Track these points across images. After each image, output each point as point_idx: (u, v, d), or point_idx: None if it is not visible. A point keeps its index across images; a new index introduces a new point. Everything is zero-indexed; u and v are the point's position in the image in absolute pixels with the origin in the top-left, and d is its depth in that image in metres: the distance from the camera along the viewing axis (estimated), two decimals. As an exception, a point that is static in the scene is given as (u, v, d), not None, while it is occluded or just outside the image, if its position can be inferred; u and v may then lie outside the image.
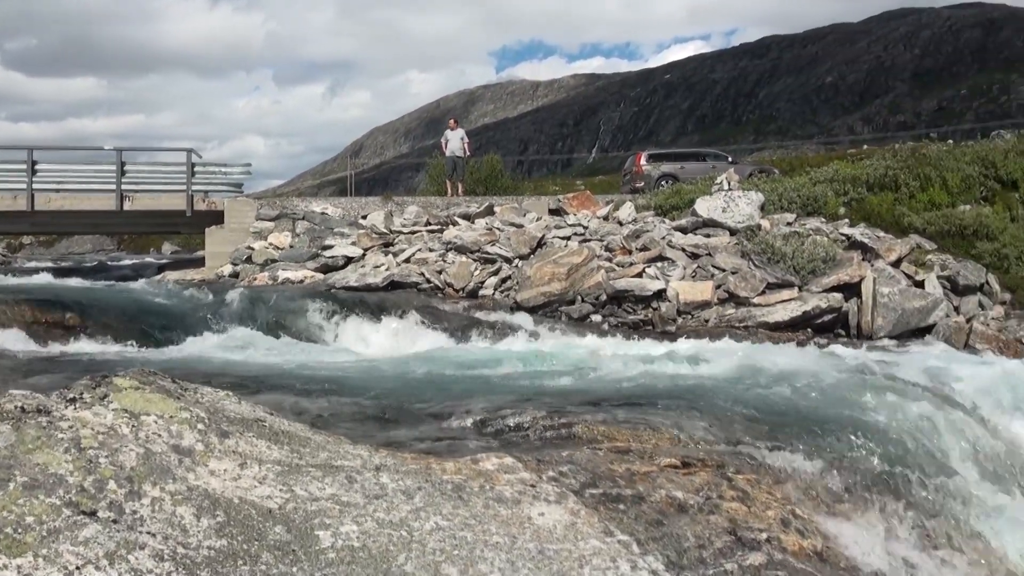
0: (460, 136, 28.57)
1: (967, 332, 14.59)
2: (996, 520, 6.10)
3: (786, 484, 5.29)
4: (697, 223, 17.85)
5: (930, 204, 19.30)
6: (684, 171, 29.28)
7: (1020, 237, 17.55)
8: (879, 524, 5.39)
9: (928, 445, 7.07)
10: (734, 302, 14.94)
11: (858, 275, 15.18)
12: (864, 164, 22.04)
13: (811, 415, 7.10)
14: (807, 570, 4.33)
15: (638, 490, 4.43)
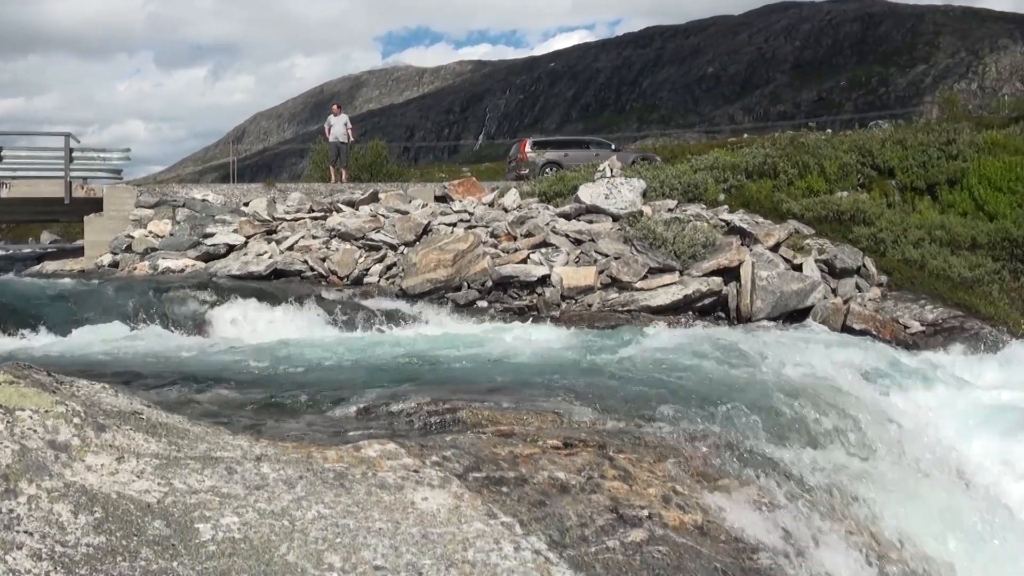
0: (344, 122, 28.30)
1: (844, 313, 15.01)
2: (872, 492, 6.29)
3: (667, 461, 5.38)
4: (580, 209, 18.00)
5: (808, 191, 19.80)
6: (568, 158, 29.47)
7: (896, 222, 18.10)
8: (758, 497, 5.51)
9: (804, 420, 7.27)
10: (617, 287, 15.11)
11: (737, 259, 15.49)
12: (744, 152, 22.48)
13: (691, 394, 7.23)
14: (688, 544, 4.41)
15: (521, 472, 4.46)
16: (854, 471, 6.54)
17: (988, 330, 14.74)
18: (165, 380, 7.74)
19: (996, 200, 19.62)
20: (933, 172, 20.50)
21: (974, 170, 20.47)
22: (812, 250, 16.37)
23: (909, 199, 20.24)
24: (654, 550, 4.18)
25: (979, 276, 16.63)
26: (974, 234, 17.88)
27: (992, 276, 16.79)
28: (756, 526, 5.09)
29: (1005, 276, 16.96)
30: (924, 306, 15.55)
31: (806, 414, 7.41)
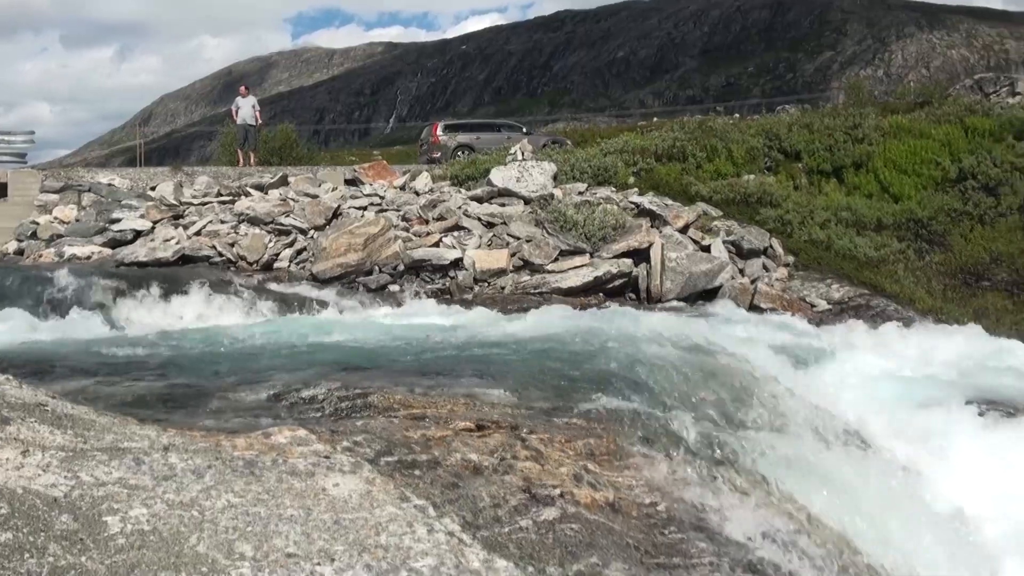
0: (251, 104, 27.91)
1: (752, 293, 15.26)
2: (779, 466, 6.41)
3: (578, 441, 5.42)
4: (492, 193, 18.02)
5: (716, 174, 20.11)
6: (480, 141, 29.45)
7: (802, 204, 18.46)
8: (669, 473, 5.58)
9: (713, 397, 7.37)
10: (529, 269, 15.17)
11: (647, 241, 15.64)
12: (653, 136, 22.73)
13: (602, 373, 7.29)
14: (600, 521, 4.46)
15: (433, 455, 4.46)
16: (763, 447, 6.65)
17: (894, 307, 15.10)
18: (71, 371, 7.58)
19: (901, 182, 20.11)
20: (839, 155, 20.93)
21: (879, 153, 20.95)
22: (720, 232, 16.61)
23: (815, 182, 20.67)
24: (566, 528, 4.21)
25: (885, 256, 17.03)
26: (880, 215, 18.30)
27: (897, 255, 17.21)
28: (667, 501, 5.16)
29: (910, 255, 17.40)
30: (831, 285, 15.88)
31: (715, 392, 7.52)
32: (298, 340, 9.71)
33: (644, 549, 4.43)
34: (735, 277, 15.66)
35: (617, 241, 15.68)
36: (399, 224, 16.57)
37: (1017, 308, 16.10)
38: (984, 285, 16.88)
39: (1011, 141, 20.97)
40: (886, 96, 29.08)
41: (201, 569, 2.98)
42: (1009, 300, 16.43)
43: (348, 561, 3.21)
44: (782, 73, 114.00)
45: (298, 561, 3.14)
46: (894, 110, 25.24)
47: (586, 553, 4.08)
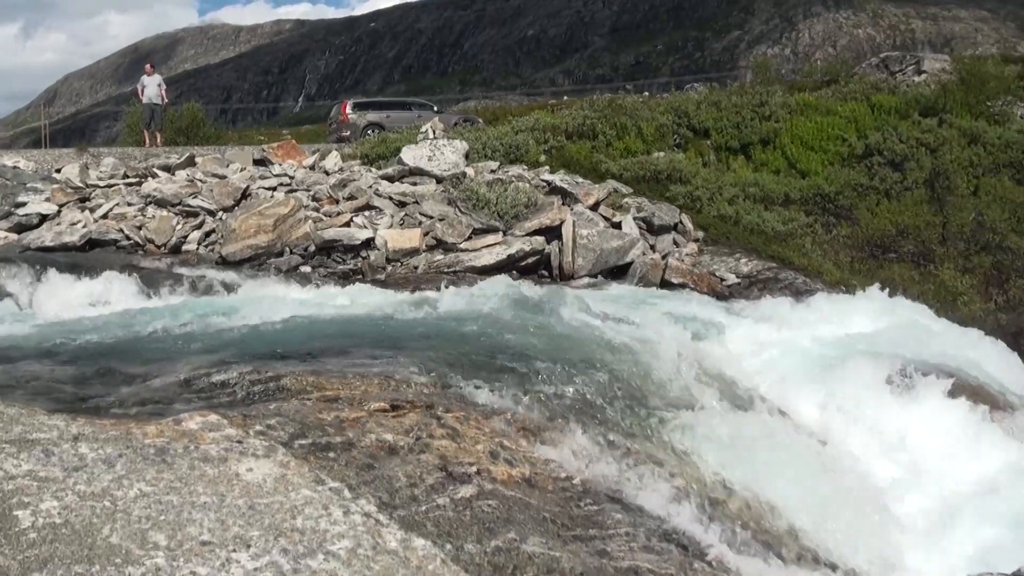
0: (157, 82, 27.34)
1: (663, 268, 15.41)
2: (692, 437, 6.51)
3: (494, 418, 5.44)
4: (404, 171, 17.92)
5: (626, 151, 20.26)
6: (390, 120, 29.27)
7: (711, 180, 18.68)
8: (584, 447, 5.63)
9: (626, 371, 7.45)
10: (442, 248, 15.13)
11: (559, 219, 15.69)
12: (564, 114, 22.79)
13: (516, 350, 7.32)
14: (517, 496, 4.49)
15: (348, 436, 4.45)
16: (676, 418, 6.75)
17: (802, 280, 15.36)
18: (-27, 359, 7.41)
19: (808, 158, 20.47)
20: (747, 133, 21.22)
21: (787, 130, 21.29)
22: (631, 208, 16.73)
23: (724, 158, 20.95)
24: (484, 504, 4.24)
25: (792, 230, 17.32)
26: (787, 190, 18.60)
27: (805, 229, 17.52)
28: (582, 475, 5.21)
29: (817, 229, 17.73)
30: (739, 259, 16.10)
31: (628, 365, 7.60)
32: (208, 324, 9.57)
33: (561, 522, 4.48)
34: (646, 253, 15.80)
35: (529, 219, 15.71)
36: (309, 204, 16.39)
37: (923, 278, 16.53)
38: (890, 257, 17.28)
39: (916, 118, 21.44)
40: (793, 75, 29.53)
41: (115, 561, 2.95)
42: (915, 270, 16.85)
43: (264, 546, 3.19)
44: (691, 52, 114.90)
45: (213, 548, 3.12)
46: (801, 88, 25.63)
47: (504, 529, 4.11)
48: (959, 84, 23.65)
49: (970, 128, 20.60)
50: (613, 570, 4.25)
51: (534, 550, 4.01)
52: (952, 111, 21.80)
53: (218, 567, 3.03)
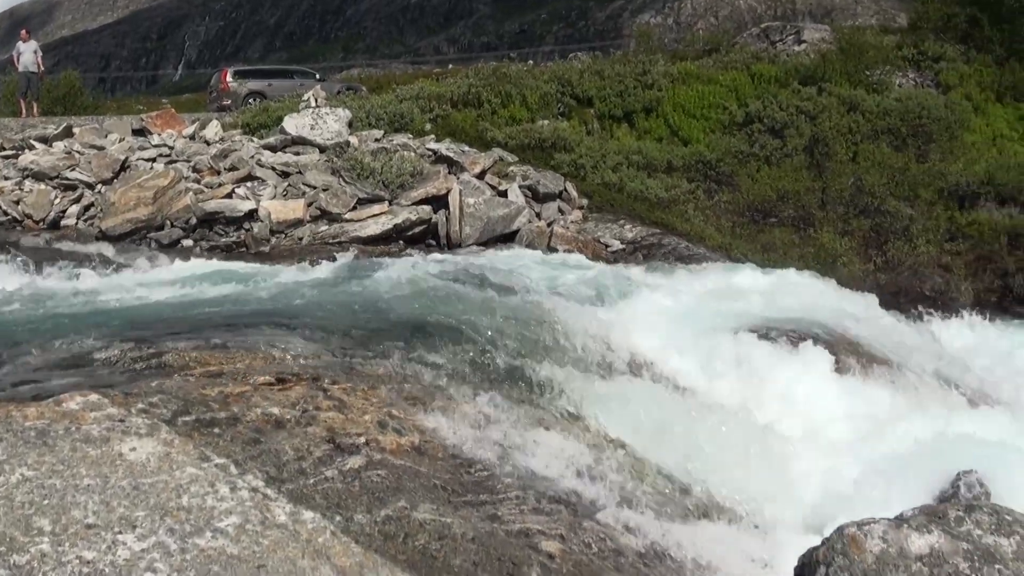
0: (33, 49, 26.43)
1: (549, 235, 15.52)
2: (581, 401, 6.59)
3: (381, 388, 5.44)
4: (286, 141, 17.66)
5: (511, 120, 20.30)
6: (272, 88, 28.88)
7: (595, 148, 18.82)
8: (473, 413, 5.67)
9: (515, 336, 7.50)
10: (327, 219, 14.98)
11: (445, 188, 15.66)
12: (449, 82, 22.74)
13: (404, 319, 7.33)
14: (406, 465, 4.50)
15: (233, 412, 4.41)
16: (565, 382, 6.82)
17: (685, 245, 15.62)
18: None
19: (690, 126, 20.79)
20: (630, 101, 21.42)
21: (669, 99, 21.57)
22: (516, 177, 16.78)
23: (607, 126, 21.14)
24: (373, 475, 4.25)
25: (675, 196, 17.57)
26: (670, 158, 18.85)
27: (687, 196, 17.79)
28: (472, 441, 5.25)
29: (700, 195, 18.02)
30: (624, 226, 16.30)
31: (516, 330, 7.64)
32: (88, 301, 9.35)
33: (452, 489, 4.51)
34: (532, 221, 15.88)
35: (415, 188, 15.65)
36: (190, 176, 16.06)
37: (803, 242, 16.93)
38: (771, 221, 17.64)
39: (796, 86, 21.87)
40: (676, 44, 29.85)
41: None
42: (795, 234, 17.24)
43: (150, 527, 3.15)
44: (574, 20, 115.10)
45: (99, 531, 3.07)
46: (683, 57, 25.92)
47: (394, 498, 4.12)
48: (838, 54, 24.15)
49: (849, 96, 21.09)
50: (504, 533, 4.30)
51: (425, 517, 4.03)
52: (831, 80, 22.29)
53: (104, 550, 2.98)
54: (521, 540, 4.35)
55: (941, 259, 16.73)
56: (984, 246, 16.92)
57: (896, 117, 20.11)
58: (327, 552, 3.31)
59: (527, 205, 16.10)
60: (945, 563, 2.14)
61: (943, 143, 20.03)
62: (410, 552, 3.78)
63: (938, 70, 23.58)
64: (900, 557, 2.19)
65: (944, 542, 2.22)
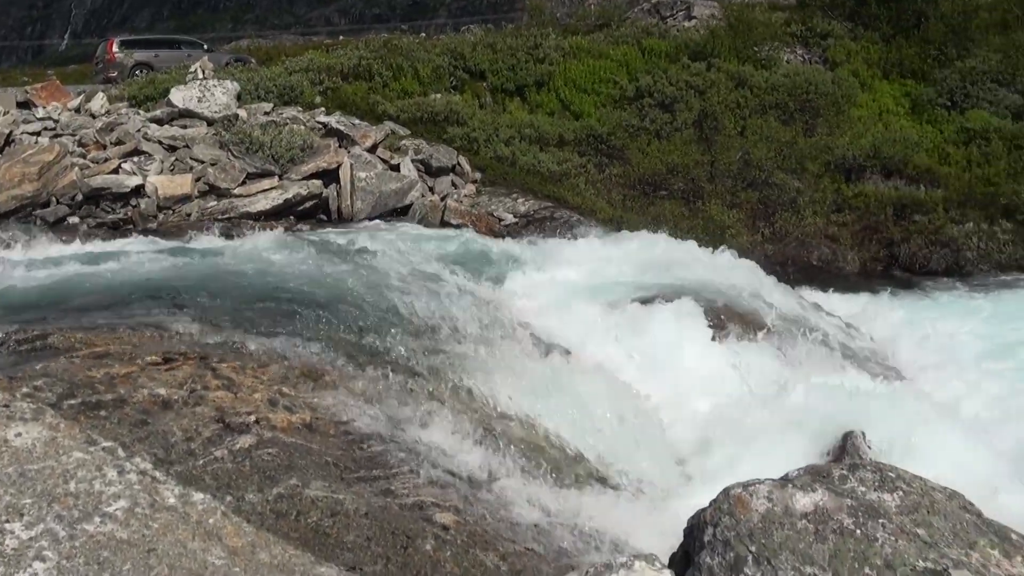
0: (-87, 19, 25.51)
1: (442, 210, 15.50)
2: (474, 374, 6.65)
3: (272, 366, 5.42)
4: (173, 114, 17.32)
5: (403, 93, 20.17)
6: (159, 59, 28.26)
7: (488, 122, 18.81)
8: (365, 389, 5.68)
9: (408, 312, 7.52)
10: (215, 194, 14.73)
11: (336, 161, 15.52)
12: (339, 54, 22.44)
13: (295, 296, 7.28)
14: (298, 443, 4.51)
15: (120, 393, 4.36)
16: (458, 356, 6.87)
17: (577, 218, 15.75)
18: None
19: (581, 100, 20.88)
20: (522, 75, 21.43)
21: (560, 73, 21.63)
22: (408, 150, 16.72)
23: (500, 100, 21.11)
24: (263, 453, 4.24)
25: (567, 170, 17.67)
26: (561, 131, 18.94)
27: (579, 170, 17.90)
28: (364, 417, 5.26)
29: (591, 169, 18.14)
30: (517, 199, 16.37)
31: (407, 305, 7.66)
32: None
33: (344, 465, 4.53)
34: (425, 195, 15.84)
35: (306, 162, 15.48)
36: (75, 150, 15.63)
37: (692, 213, 17.18)
38: (661, 194, 17.85)
39: (686, 61, 22.05)
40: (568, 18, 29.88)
41: None
42: (685, 207, 17.48)
43: (38, 514, 3.12)
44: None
45: (-17, 520, 3.02)
46: (575, 32, 25.95)
47: (285, 476, 4.13)
48: (727, 30, 24.42)
49: (737, 72, 21.35)
50: (398, 507, 4.34)
51: (317, 494, 4.05)
52: (720, 56, 22.53)
53: (-10, 539, 2.95)
54: (415, 513, 4.40)
55: (828, 230, 17.16)
56: (870, 217, 17.40)
57: (784, 92, 20.45)
58: (218, 533, 3.31)
59: (420, 179, 16.05)
60: (830, 519, 2.23)
61: (830, 118, 20.43)
62: (303, 530, 3.79)
63: (826, 47, 23.97)
64: (785, 515, 2.27)
65: (828, 499, 2.31)
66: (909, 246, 16.66)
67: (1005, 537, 2.32)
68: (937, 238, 16.61)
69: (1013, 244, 16.53)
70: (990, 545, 2.25)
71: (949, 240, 16.48)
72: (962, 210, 17.24)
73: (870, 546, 2.10)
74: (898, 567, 2.07)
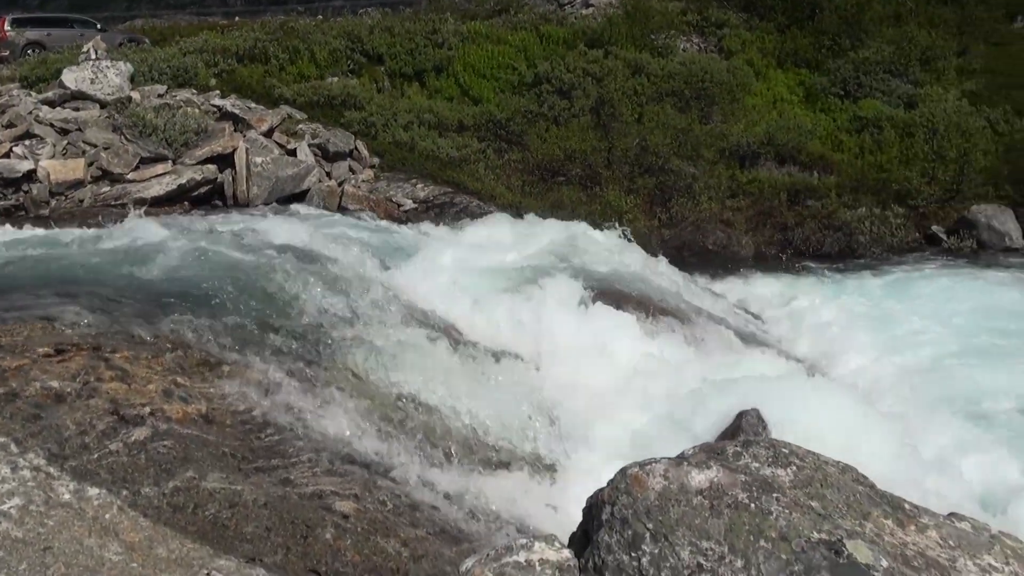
0: None
1: (340, 195, 15.42)
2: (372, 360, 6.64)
3: (166, 356, 5.35)
4: (65, 96, 16.90)
5: (300, 76, 19.97)
6: (51, 39, 27.57)
7: (386, 107, 18.71)
8: (261, 378, 5.64)
9: (304, 298, 7.47)
10: (109, 179, 14.44)
11: (231, 146, 15.32)
12: (235, 36, 22.09)
13: (189, 284, 7.19)
14: (194, 434, 4.47)
15: (11, 387, 4.27)
16: (356, 342, 6.85)
17: (476, 203, 15.82)
18: None
19: (480, 86, 20.89)
20: (420, 59, 21.35)
21: (459, 58, 21.61)
22: (305, 135, 16.58)
23: (398, 85, 21.01)
24: (159, 446, 4.20)
25: (466, 155, 17.68)
26: (460, 117, 18.94)
27: (478, 155, 17.93)
28: (262, 406, 5.23)
29: (490, 154, 18.18)
30: (416, 185, 16.35)
31: (303, 291, 7.61)
32: None
33: (241, 455, 4.50)
34: (322, 180, 15.73)
35: (200, 146, 15.25)
36: (-39, 134, 15.21)
37: (590, 199, 17.33)
38: (560, 180, 17.97)
39: (583, 48, 22.18)
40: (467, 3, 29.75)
41: None
42: (583, 192, 17.63)
43: (-74, 513, 3.05)
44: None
45: None
46: (473, 17, 25.88)
47: (182, 468, 4.10)
48: (625, 18, 24.59)
49: (635, 59, 21.53)
50: (297, 497, 4.33)
51: (215, 486, 4.02)
52: (617, 43, 22.72)
53: None
54: (315, 502, 4.39)
55: (723, 215, 17.45)
56: (764, 202, 17.77)
57: (680, 80, 20.69)
58: (115, 528, 3.28)
59: (317, 164, 15.93)
60: (725, 495, 2.28)
61: (725, 106, 20.76)
62: (200, 522, 3.77)
63: (721, 36, 24.33)
64: (681, 492, 2.31)
65: (723, 476, 2.36)
66: (803, 230, 17.06)
67: (898, 507, 2.40)
68: (830, 222, 17.07)
69: (904, 228, 17.11)
70: (883, 515, 2.33)
71: (842, 224, 16.95)
72: (855, 195, 17.74)
73: (765, 519, 2.17)
74: (792, 539, 2.13)
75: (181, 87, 18.38)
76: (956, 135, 19.01)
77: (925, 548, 2.24)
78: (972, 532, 2.37)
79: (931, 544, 2.27)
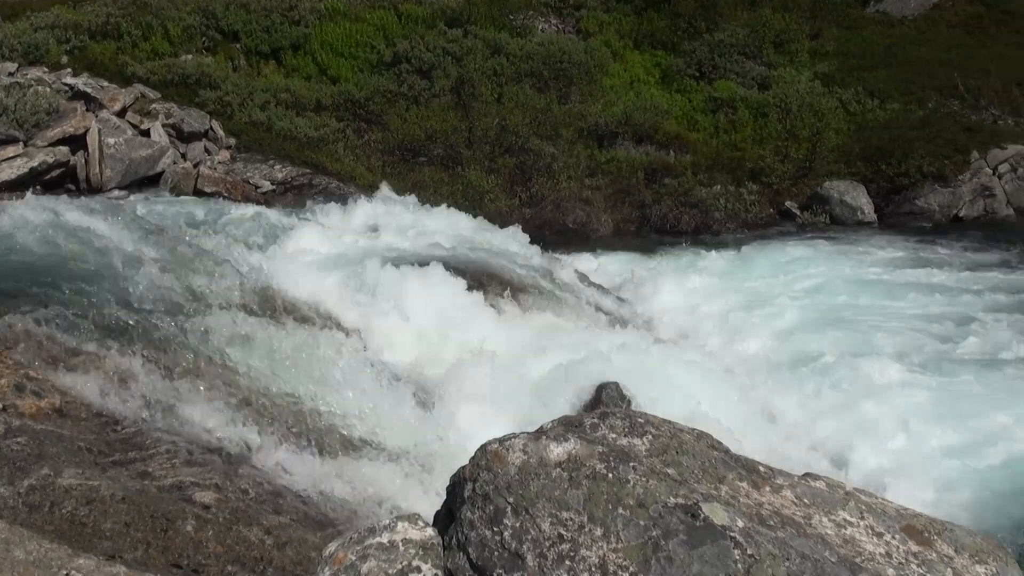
0: None
1: (195, 177, 15.16)
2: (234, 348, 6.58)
3: (17, 348, 5.24)
4: (-95, 75, 16.21)
5: (153, 53, 19.51)
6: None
7: (242, 86, 18.40)
8: (117, 370, 5.55)
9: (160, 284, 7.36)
10: (-45, 164, 13.92)
11: (83, 126, 14.90)
12: (87, 11, 21.39)
13: (39, 274, 7.02)
14: (48, 429, 4.40)
15: None
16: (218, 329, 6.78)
17: (336, 184, 15.74)
18: None
19: (338, 64, 20.69)
20: (277, 37, 21.04)
21: (317, 36, 21.35)
22: (159, 115, 16.22)
23: (254, 63, 20.67)
24: (12, 443, 4.13)
25: (325, 136, 17.54)
26: (319, 96, 18.75)
27: (337, 135, 17.80)
28: (117, 398, 5.16)
29: (350, 135, 18.07)
30: (273, 166, 16.15)
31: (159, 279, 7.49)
32: None
33: (98, 450, 4.45)
34: (177, 162, 15.42)
35: (52, 127, 14.78)
36: None
37: (452, 179, 17.40)
38: (421, 160, 17.98)
39: (443, 28, 22.14)
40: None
41: None
42: (444, 172, 17.69)
43: None
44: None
45: None
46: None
47: (36, 466, 4.04)
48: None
49: (494, 39, 21.59)
50: (156, 489, 4.30)
51: (71, 483, 3.97)
52: (477, 23, 22.73)
53: None
54: (175, 494, 4.37)
55: (583, 193, 17.71)
56: (622, 181, 18.11)
57: (539, 61, 20.84)
58: (-33, 531, 3.22)
59: (171, 145, 15.60)
60: (583, 466, 2.34)
61: (583, 86, 21.00)
62: (58, 521, 3.72)
63: (579, 17, 24.52)
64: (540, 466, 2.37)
65: (580, 447, 2.42)
66: (660, 208, 17.47)
67: (753, 470, 2.50)
68: (687, 200, 17.52)
69: (758, 204, 17.67)
70: (738, 478, 2.43)
71: (698, 201, 17.40)
72: (710, 173, 18.23)
73: (622, 488, 2.24)
74: (650, 505, 2.21)
75: (32, 65, 17.77)
76: (809, 115, 19.69)
77: (780, 507, 2.35)
78: (827, 490, 2.50)
79: (786, 503, 2.38)
